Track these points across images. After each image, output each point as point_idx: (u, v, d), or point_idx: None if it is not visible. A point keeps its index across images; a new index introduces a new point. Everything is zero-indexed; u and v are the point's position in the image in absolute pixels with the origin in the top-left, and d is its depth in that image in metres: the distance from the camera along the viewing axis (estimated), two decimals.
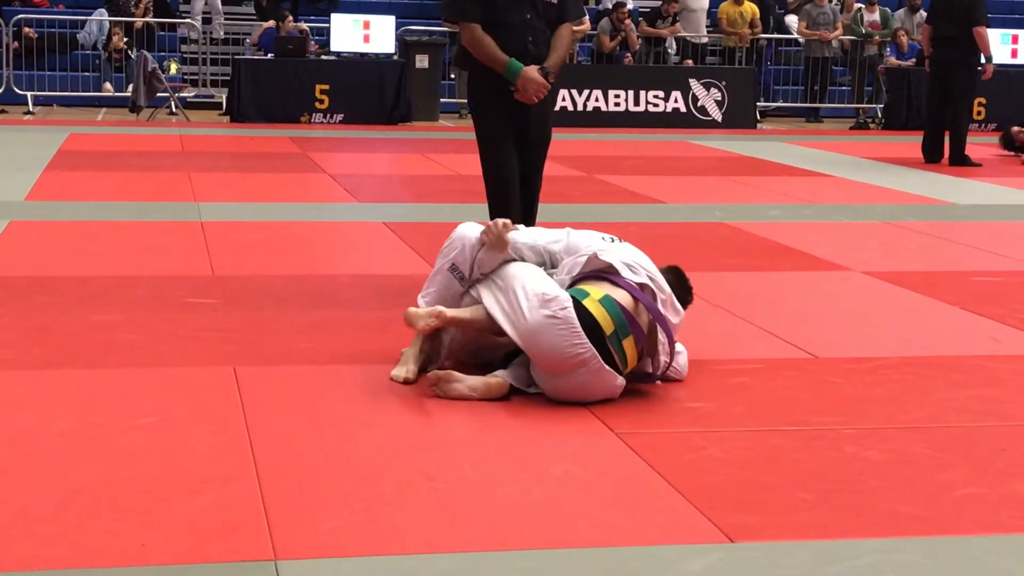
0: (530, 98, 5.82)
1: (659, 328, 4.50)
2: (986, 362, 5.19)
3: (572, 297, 4.45)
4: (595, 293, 4.46)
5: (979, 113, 16.76)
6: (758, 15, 18.90)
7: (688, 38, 18.81)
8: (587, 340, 4.36)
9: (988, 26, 12.86)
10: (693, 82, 17.13)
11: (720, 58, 19.17)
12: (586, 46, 19.10)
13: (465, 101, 17.95)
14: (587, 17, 18.38)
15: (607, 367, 4.40)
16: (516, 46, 5.81)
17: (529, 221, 6.01)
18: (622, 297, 4.46)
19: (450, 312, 4.69)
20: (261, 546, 3.18)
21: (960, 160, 12.78)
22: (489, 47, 5.80)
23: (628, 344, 4.45)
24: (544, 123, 6.05)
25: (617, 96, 16.99)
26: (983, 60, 12.88)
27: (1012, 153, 13.91)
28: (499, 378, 4.53)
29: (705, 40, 19.03)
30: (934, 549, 3.29)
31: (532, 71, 5.80)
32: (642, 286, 4.54)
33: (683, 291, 4.85)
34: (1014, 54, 17.77)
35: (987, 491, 3.70)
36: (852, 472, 3.84)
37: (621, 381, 4.46)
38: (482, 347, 4.82)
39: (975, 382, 4.88)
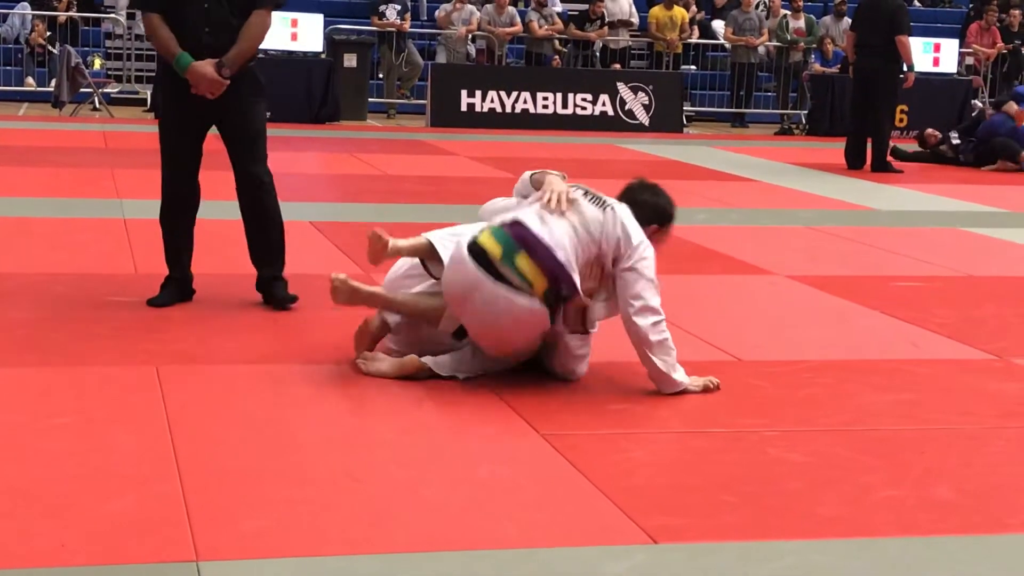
0: (203, 93, 5.55)
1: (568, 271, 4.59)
2: (906, 366, 5.26)
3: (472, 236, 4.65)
4: (489, 228, 4.66)
5: (901, 120, 16.98)
6: (687, 20, 19.02)
7: (607, 42, 18.84)
8: (472, 266, 4.51)
9: (911, 35, 13.05)
10: (621, 86, 17.21)
11: (646, 62, 19.27)
12: (516, 47, 19.13)
13: (394, 101, 18.00)
14: (518, 19, 18.48)
15: (501, 284, 4.48)
16: (191, 38, 5.53)
17: (265, 221, 5.82)
18: (515, 232, 4.59)
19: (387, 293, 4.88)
20: (183, 547, 3.15)
21: (882, 166, 12.95)
22: (162, 39, 5.53)
23: (522, 260, 4.51)
24: (246, 115, 5.69)
25: (545, 99, 17.03)
26: (905, 68, 13.06)
27: (925, 150, 14.19)
28: (414, 359, 4.69)
29: (627, 43, 19.09)
30: (853, 551, 3.33)
31: (203, 66, 5.49)
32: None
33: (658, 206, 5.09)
34: (935, 63, 18.03)
35: (906, 494, 3.75)
36: (774, 474, 3.88)
37: (537, 306, 4.52)
38: (425, 342, 4.85)
39: (895, 386, 4.95)
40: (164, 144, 5.84)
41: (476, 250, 4.55)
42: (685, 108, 18.16)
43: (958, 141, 14.04)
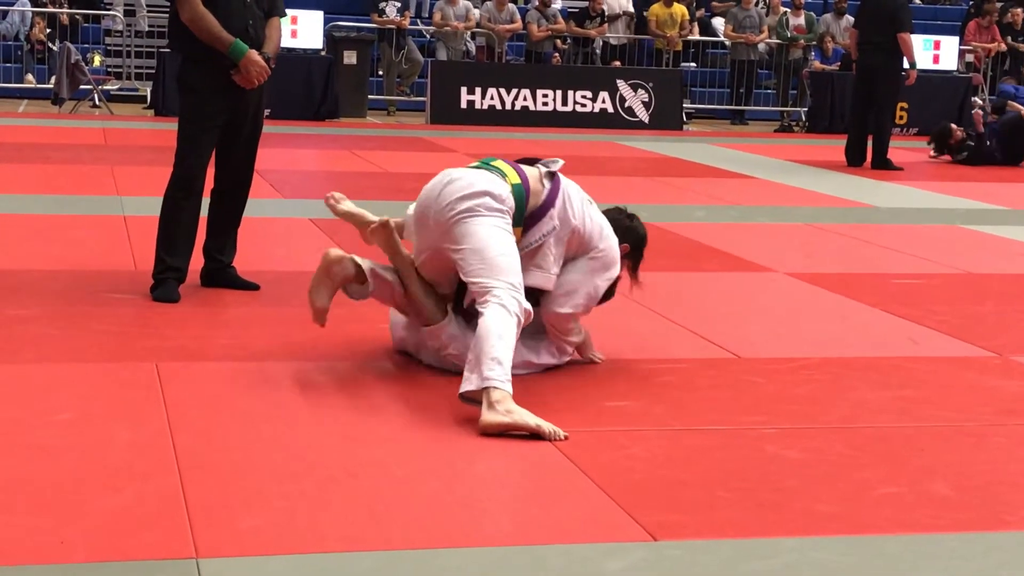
0: (251, 81, 5.76)
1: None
2: (904, 363, 5.26)
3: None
4: (511, 176, 4.82)
5: (901, 118, 16.99)
6: (687, 17, 19.03)
7: (610, 40, 18.84)
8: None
9: (912, 32, 13.05)
10: (621, 83, 17.21)
11: (646, 59, 19.27)
12: (517, 45, 19.12)
13: (393, 98, 18.00)
14: (518, 16, 18.48)
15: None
16: (237, 27, 5.75)
17: (235, 216, 6.10)
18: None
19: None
20: (182, 544, 3.15)
21: (882, 164, 12.95)
22: (214, 25, 5.69)
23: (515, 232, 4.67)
24: (258, 114, 6.00)
25: (545, 96, 17.03)
26: (907, 65, 13.06)
27: (939, 155, 14.07)
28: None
29: (626, 41, 19.11)
30: (851, 547, 3.33)
31: (256, 54, 5.76)
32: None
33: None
34: (936, 60, 18.04)
35: (904, 491, 3.76)
36: (772, 471, 3.88)
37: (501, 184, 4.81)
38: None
39: (893, 382, 4.95)
40: (190, 131, 5.87)
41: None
42: (685, 105, 18.15)
43: (989, 141, 13.90)
